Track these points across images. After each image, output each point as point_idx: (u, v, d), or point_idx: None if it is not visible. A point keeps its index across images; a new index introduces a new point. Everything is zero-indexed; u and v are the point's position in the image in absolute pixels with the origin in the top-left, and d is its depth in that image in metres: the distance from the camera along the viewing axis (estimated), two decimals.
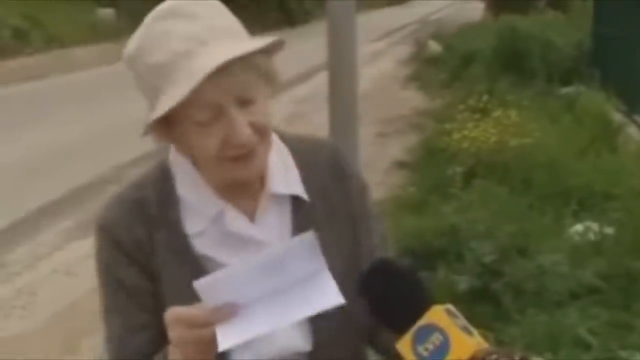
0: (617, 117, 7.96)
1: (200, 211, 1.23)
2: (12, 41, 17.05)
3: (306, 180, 1.28)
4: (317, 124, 7.61)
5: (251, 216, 1.25)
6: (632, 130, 7.48)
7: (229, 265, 1.12)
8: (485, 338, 1.04)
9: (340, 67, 3.37)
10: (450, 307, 1.04)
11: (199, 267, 1.20)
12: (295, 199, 1.27)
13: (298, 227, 1.24)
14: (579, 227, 4.88)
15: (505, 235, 4.41)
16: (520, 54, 10.50)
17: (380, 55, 18.38)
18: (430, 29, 21.76)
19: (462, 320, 1.02)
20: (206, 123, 1.14)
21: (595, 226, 4.81)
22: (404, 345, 1.03)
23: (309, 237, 1.04)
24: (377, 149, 8.54)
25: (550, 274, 4.11)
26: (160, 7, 1.17)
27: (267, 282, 1.04)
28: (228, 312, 1.04)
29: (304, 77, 14.52)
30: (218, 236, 1.23)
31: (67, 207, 6.69)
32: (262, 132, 1.17)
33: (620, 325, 3.58)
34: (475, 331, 1.02)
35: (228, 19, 1.18)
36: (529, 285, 3.94)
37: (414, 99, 11.89)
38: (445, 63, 13.69)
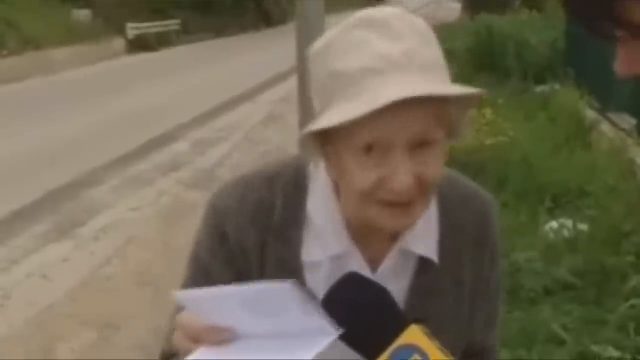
0: (591, 114, 8.04)
1: (323, 242, 1.12)
2: None
3: (443, 240, 1.15)
4: (293, 126, 7.62)
5: (374, 265, 1.13)
6: (605, 127, 7.55)
7: (219, 288, 1.03)
8: None
9: None
10: (425, 328, 0.98)
11: None
12: (423, 259, 1.14)
13: (418, 291, 1.14)
14: (553, 225, 4.93)
15: None
16: (495, 53, 10.58)
17: None
18: None
19: (437, 342, 0.97)
20: (368, 152, 1.01)
21: (569, 223, 4.86)
22: None
23: (289, 286, 0.93)
24: None
25: (525, 271, 4.15)
26: (365, 14, 1.05)
27: (254, 319, 0.97)
28: (224, 338, 0.96)
29: (282, 78, 14.52)
30: (332, 276, 1.08)
31: (43, 210, 6.63)
32: (425, 186, 1.03)
33: (594, 321, 3.62)
34: (449, 353, 0.97)
35: (432, 52, 1.03)
36: (504, 283, 3.97)
37: None
38: None
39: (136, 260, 5.40)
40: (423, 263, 1.14)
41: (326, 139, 1.05)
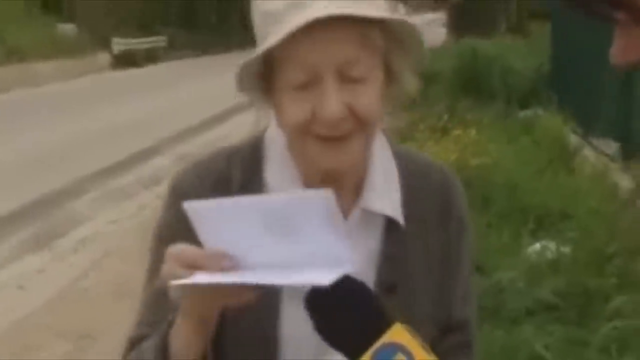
0: (574, 139, 8.08)
1: None
2: None
3: (407, 206, 1.14)
4: None
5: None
6: (587, 152, 7.60)
7: (236, 198, 1.00)
8: None
9: None
10: (408, 326, 0.96)
11: None
12: (389, 222, 1.13)
13: (389, 251, 1.13)
14: (536, 246, 4.92)
15: None
16: (480, 75, 10.63)
17: None
18: None
19: (420, 341, 0.95)
20: (300, 87, 1.01)
21: (552, 245, 4.85)
22: None
23: (325, 195, 0.90)
24: None
25: (507, 291, 4.13)
26: None
27: (268, 237, 0.93)
28: (226, 265, 0.93)
29: None
30: None
31: (22, 220, 6.55)
32: (361, 118, 1.02)
33: (576, 341, 3.60)
34: (432, 352, 0.96)
35: None
36: (487, 302, 3.95)
37: None
38: None
39: (114, 272, 5.33)
40: (389, 226, 1.13)
41: (267, 87, 1.06)
